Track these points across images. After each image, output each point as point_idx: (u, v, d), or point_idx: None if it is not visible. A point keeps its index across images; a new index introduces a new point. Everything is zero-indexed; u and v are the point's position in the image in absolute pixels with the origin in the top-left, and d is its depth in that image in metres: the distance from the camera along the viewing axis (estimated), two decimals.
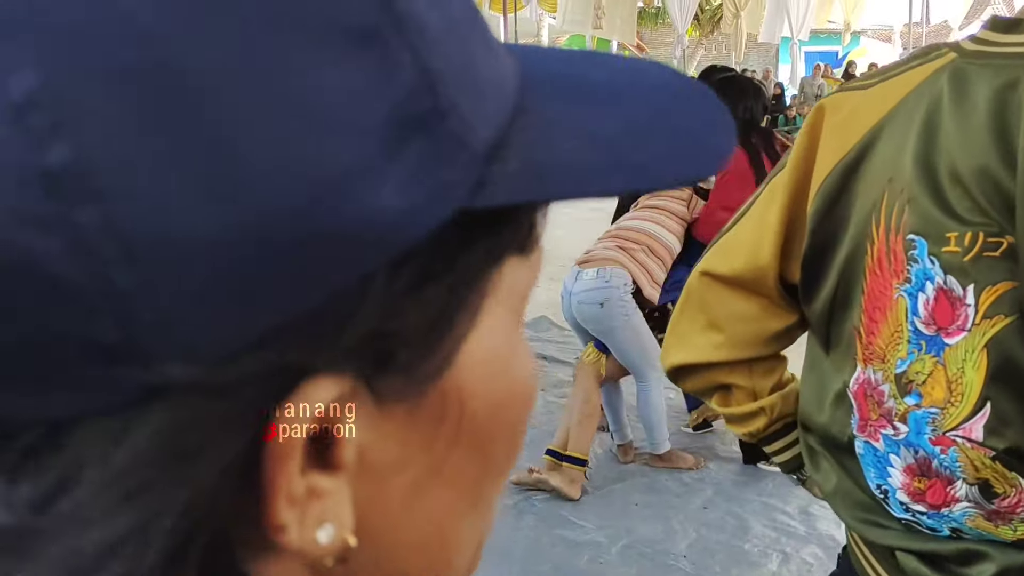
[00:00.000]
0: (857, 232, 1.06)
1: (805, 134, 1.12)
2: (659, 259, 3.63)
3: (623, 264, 3.54)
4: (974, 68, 1.00)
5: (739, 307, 1.20)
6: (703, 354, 1.24)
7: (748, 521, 3.29)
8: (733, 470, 3.74)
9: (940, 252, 0.98)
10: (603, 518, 3.35)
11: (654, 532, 3.23)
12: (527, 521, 3.35)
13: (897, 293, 1.03)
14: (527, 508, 3.45)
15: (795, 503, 3.41)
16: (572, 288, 3.63)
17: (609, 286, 3.50)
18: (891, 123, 1.05)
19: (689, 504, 3.45)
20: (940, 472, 1.03)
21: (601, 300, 3.51)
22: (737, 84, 3.72)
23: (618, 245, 3.62)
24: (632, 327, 3.54)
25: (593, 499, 3.52)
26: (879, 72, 1.13)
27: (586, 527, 3.28)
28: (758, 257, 1.16)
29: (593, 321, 3.59)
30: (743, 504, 3.43)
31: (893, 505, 1.08)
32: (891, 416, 1.05)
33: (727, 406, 1.27)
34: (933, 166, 0.99)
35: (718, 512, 3.38)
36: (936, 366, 1.01)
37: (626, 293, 3.51)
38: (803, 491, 3.48)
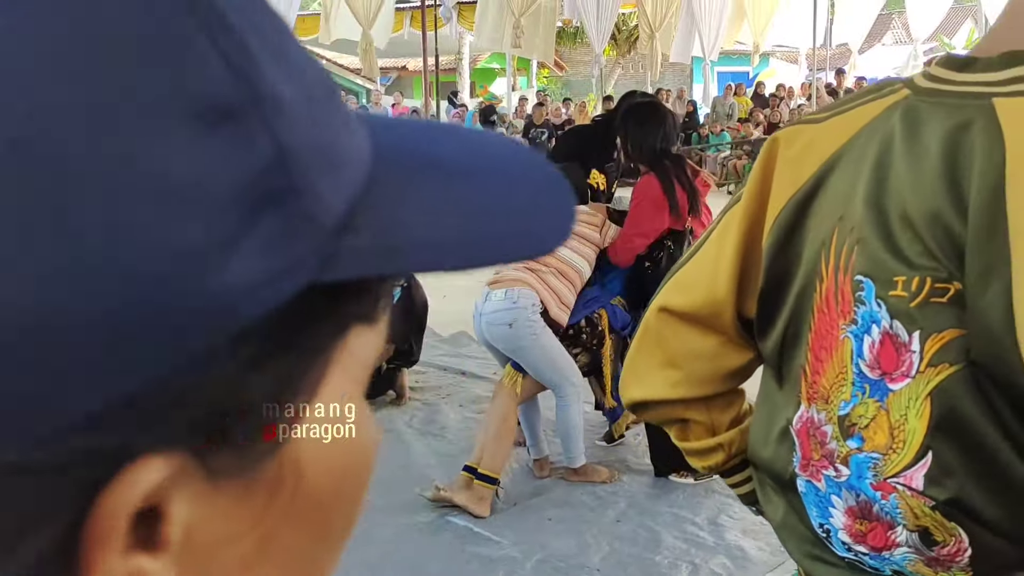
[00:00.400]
0: (808, 269, 1.04)
1: (759, 167, 1.10)
2: (569, 282, 3.66)
3: (531, 285, 3.57)
4: (926, 106, 0.97)
5: (696, 344, 1.18)
6: (660, 391, 1.21)
7: (659, 533, 3.31)
8: (646, 483, 3.77)
9: (887, 295, 0.96)
10: (518, 533, 3.34)
11: (568, 546, 3.23)
12: (443, 538, 3.32)
13: (843, 334, 1.00)
14: (443, 526, 3.41)
15: (704, 514, 3.45)
16: (482, 309, 3.64)
17: (517, 307, 3.52)
18: (844, 158, 1.02)
19: (603, 518, 3.46)
20: (881, 516, 1.01)
21: (509, 321, 3.53)
22: (650, 110, 3.76)
23: (526, 267, 3.64)
24: (541, 346, 3.56)
25: (509, 515, 3.50)
26: (834, 105, 1.10)
27: (501, 543, 3.26)
28: (714, 292, 1.14)
29: (503, 341, 3.60)
30: (655, 516, 3.45)
31: (836, 544, 1.06)
32: (833, 458, 1.03)
33: (686, 440, 1.25)
34: (884, 208, 0.96)
35: (631, 525, 3.40)
36: (879, 411, 0.98)
37: (534, 313, 3.53)
38: (712, 502, 3.52)
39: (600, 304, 3.76)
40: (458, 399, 5.01)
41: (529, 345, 3.55)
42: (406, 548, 3.25)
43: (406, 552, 3.22)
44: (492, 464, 3.52)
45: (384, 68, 27.94)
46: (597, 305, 3.76)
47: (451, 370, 5.58)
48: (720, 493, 3.62)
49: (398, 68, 29.97)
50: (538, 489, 3.72)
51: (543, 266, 3.64)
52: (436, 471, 3.89)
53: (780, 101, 17.15)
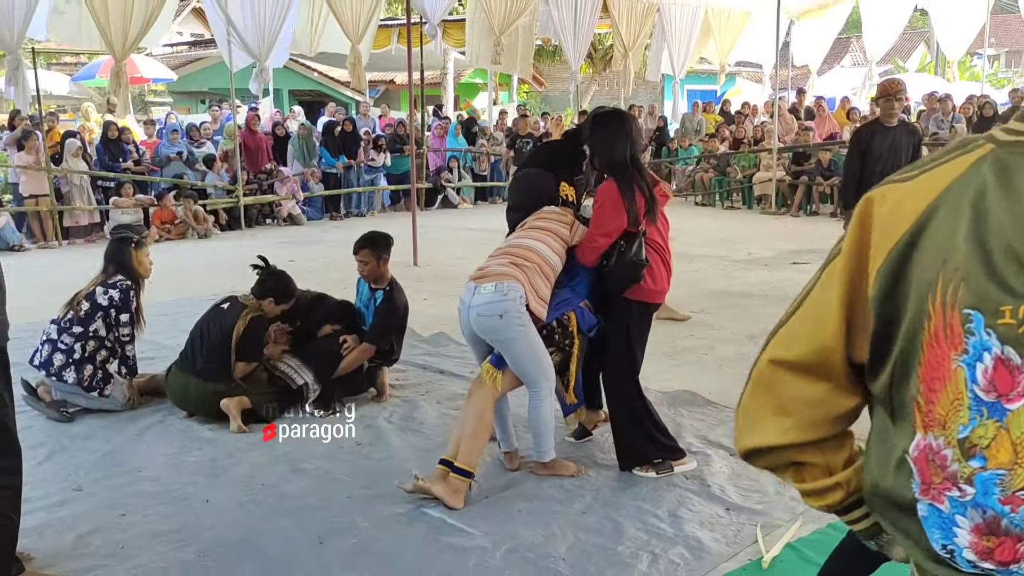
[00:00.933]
0: (915, 309, 1.08)
1: (856, 225, 1.15)
2: (545, 277, 3.66)
3: (518, 279, 3.55)
4: (1014, 158, 1.05)
5: (806, 392, 1.21)
6: (774, 438, 1.23)
7: (622, 525, 3.32)
8: (611, 477, 3.78)
9: (996, 324, 1.01)
10: (489, 524, 3.33)
11: (536, 537, 3.23)
12: (418, 529, 3.31)
13: (955, 363, 1.04)
14: (418, 517, 3.41)
15: (665, 507, 3.47)
16: (471, 302, 3.60)
17: (507, 299, 3.51)
18: (939, 211, 1.07)
19: (569, 510, 3.47)
20: (1010, 530, 1.03)
21: (500, 312, 3.51)
22: (616, 118, 3.77)
23: (512, 262, 3.63)
24: (527, 338, 3.55)
25: (480, 507, 3.50)
26: (918, 165, 1.15)
27: (473, 534, 3.26)
28: (823, 340, 1.17)
29: (492, 332, 3.56)
30: (618, 509, 3.46)
31: (960, 563, 1.08)
32: (956, 479, 1.05)
33: (802, 482, 1.27)
34: (986, 246, 1.02)
35: (595, 516, 3.40)
36: (999, 430, 1.02)
37: (522, 306, 3.51)
38: (673, 495, 3.52)
39: (571, 307, 3.75)
40: (436, 396, 5.00)
41: (517, 337, 3.52)
42: (383, 538, 3.24)
43: (382, 542, 3.21)
44: (468, 459, 3.52)
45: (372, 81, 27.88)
46: (568, 307, 3.74)
47: (430, 368, 5.57)
48: (680, 487, 3.64)
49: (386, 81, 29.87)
50: (509, 482, 3.72)
51: (527, 262, 3.63)
52: (414, 464, 3.88)
53: (745, 118, 17.22)
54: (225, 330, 4.59)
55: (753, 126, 16.77)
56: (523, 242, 3.74)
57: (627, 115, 3.87)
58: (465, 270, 9.74)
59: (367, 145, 15.31)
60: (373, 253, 4.78)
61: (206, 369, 4.57)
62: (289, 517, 3.43)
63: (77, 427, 4.52)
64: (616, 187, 3.62)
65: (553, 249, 3.72)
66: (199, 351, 4.63)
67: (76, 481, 3.82)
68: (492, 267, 3.65)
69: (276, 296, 4.75)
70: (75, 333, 4.63)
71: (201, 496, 3.65)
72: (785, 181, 14.61)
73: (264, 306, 4.71)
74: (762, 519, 3.35)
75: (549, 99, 32.28)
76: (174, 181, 13.16)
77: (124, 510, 3.52)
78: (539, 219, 3.83)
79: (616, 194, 3.61)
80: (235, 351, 4.57)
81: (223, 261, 10.00)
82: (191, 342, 4.71)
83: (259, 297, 4.73)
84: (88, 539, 3.27)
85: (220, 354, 4.57)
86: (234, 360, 4.57)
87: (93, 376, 4.64)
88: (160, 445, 4.27)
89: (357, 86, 21.38)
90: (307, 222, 14.24)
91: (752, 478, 3.74)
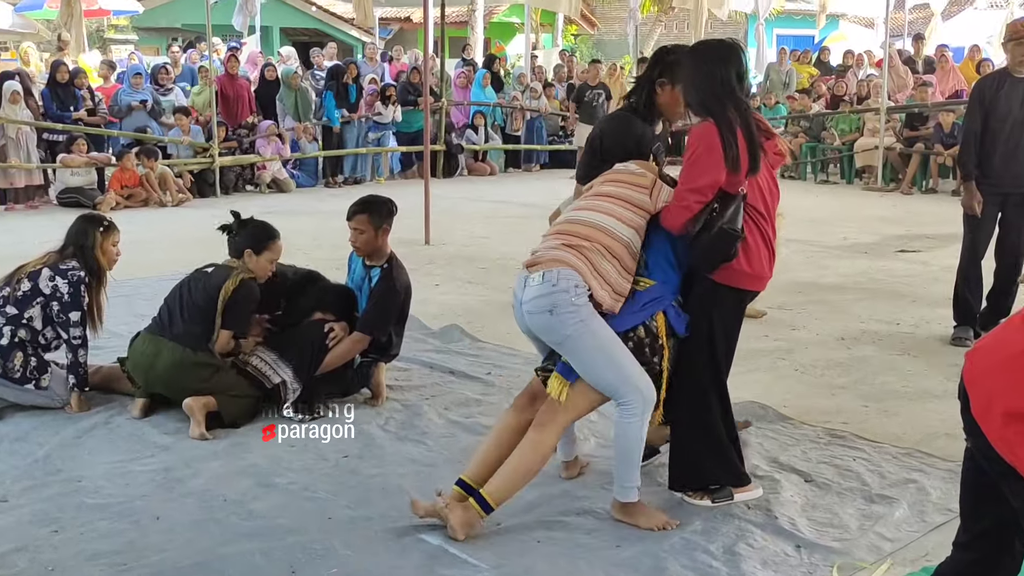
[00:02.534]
0: None
1: None
2: (616, 258, 3.52)
3: (571, 264, 3.46)
4: None
5: None
6: None
7: (665, 562, 3.32)
8: (655, 502, 3.77)
9: None
10: (500, 556, 3.36)
11: (556, 573, 3.25)
12: (410, 559, 3.34)
13: None
14: (412, 544, 3.44)
15: (720, 541, 3.47)
16: (521, 296, 3.54)
17: (556, 290, 3.42)
18: None
19: (600, 541, 3.47)
20: None
21: (549, 307, 3.42)
22: (719, 48, 3.64)
23: (564, 243, 3.54)
24: (591, 333, 3.42)
25: (491, 533, 3.52)
26: None
27: (479, 567, 3.28)
28: None
29: (546, 331, 3.50)
30: (661, 541, 3.46)
31: None
32: None
33: None
34: None
35: (633, 551, 3.41)
36: None
37: (578, 296, 3.41)
38: (730, 527, 3.53)
39: (660, 306, 3.58)
40: (443, 402, 5.04)
41: (576, 334, 3.41)
42: (368, 568, 3.28)
43: (367, 574, 3.25)
44: (501, 495, 3.49)
45: (384, 19, 28.07)
46: (657, 307, 3.58)
47: (438, 368, 5.61)
48: (740, 518, 3.64)
49: (400, 19, 30.03)
50: (528, 504, 3.74)
51: (585, 241, 3.52)
52: (411, 482, 3.92)
53: (847, 70, 17.06)
54: (211, 289, 4.70)
55: (857, 80, 16.62)
56: (581, 215, 3.63)
57: (734, 45, 3.71)
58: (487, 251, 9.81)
59: (374, 97, 15.39)
60: (371, 220, 4.83)
61: (186, 334, 4.68)
62: (255, 540, 3.48)
63: (5, 427, 4.62)
64: (715, 128, 3.47)
65: (626, 221, 3.56)
66: (179, 313, 4.74)
67: (1, 490, 3.90)
68: (542, 251, 3.59)
69: (253, 245, 4.83)
70: (7, 314, 4.73)
71: (150, 512, 3.72)
72: (895, 149, 14.48)
73: (249, 263, 4.79)
74: (840, 559, 3.35)
75: (602, 44, 32.21)
76: (137, 136, 13.33)
77: (57, 526, 3.59)
78: (607, 182, 3.69)
79: (714, 137, 3.45)
80: (221, 316, 4.67)
81: (192, 234, 10.13)
82: (167, 305, 4.83)
83: (237, 256, 4.82)
84: (12, 559, 3.34)
85: (205, 316, 4.69)
86: (218, 327, 4.67)
87: (25, 365, 4.74)
88: (104, 451, 4.36)
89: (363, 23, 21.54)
90: (296, 189, 14.38)
91: (830, 510, 3.73)
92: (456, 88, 16.84)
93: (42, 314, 4.77)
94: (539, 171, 17.39)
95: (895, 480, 4.02)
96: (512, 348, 5.99)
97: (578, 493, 3.89)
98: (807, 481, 4.02)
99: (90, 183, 12.66)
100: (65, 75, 13.18)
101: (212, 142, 13.47)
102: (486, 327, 6.55)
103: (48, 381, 4.80)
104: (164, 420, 4.68)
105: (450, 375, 5.51)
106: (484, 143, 16.70)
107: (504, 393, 5.15)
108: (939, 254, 9.19)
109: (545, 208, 4.20)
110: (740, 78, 3.59)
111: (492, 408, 4.93)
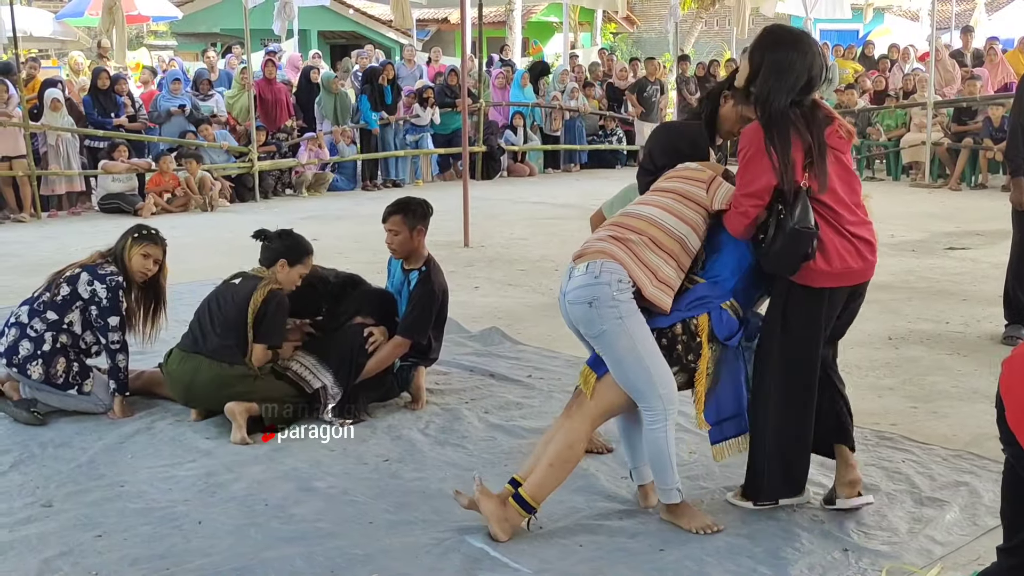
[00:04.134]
0: None
1: None
2: (666, 252, 3.49)
3: (616, 257, 3.44)
4: None
5: None
6: None
7: (708, 566, 3.31)
8: (700, 504, 3.75)
9: None
10: (542, 560, 3.36)
11: None
12: (451, 561, 3.35)
13: None
14: (453, 547, 3.45)
15: (765, 545, 3.44)
16: (565, 288, 3.55)
17: (598, 282, 3.40)
18: None
19: (643, 545, 3.46)
20: None
21: (590, 299, 3.41)
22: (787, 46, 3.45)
23: (611, 235, 3.52)
24: (627, 333, 3.39)
25: (533, 536, 3.52)
26: None
27: (520, 571, 3.29)
28: None
29: (584, 323, 3.48)
30: (704, 544, 3.45)
31: None
32: None
33: None
34: None
35: (676, 555, 3.39)
36: None
37: (621, 292, 3.39)
38: (775, 530, 3.48)
39: (706, 308, 3.53)
40: (484, 405, 5.05)
41: (612, 330, 3.40)
42: (408, 573, 3.29)
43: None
44: (536, 491, 3.51)
45: (421, 20, 28.17)
46: (702, 309, 3.53)
47: (478, 371, 5.62)
48: (785, 521, 3.61)
49: (438, 20, 30.15)
50: (569, 509, 3.74)
51: (632, 233, 3.50)
52: (451, 486, 3.92)
53: (892, 64, 16.88)
54: (240, 302, 4.73)
55: (903, 74, 16.43)
56: (633, 209, 3.63)
57: (803, 36, 3.55)
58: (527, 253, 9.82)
59: (411, 99, 15.46)
60: (406, 222, 4.85)
61: (221, 348, 4.72)
62: (296, 544, 3.51)
63: (49, 432, 4.69)
64: (761, 129, 3.39)
65: (678, 215, 3.53)
66: (211, 328, 4.77)
67: (45, 495, 3.97)
68: (590, 242, 3.59)
69: (288, 256, 4.85)
70: (48, 320, 4.80)
71: (193, 517, 3.76)
72: (943, 144, 14.30)
73: (279, 274, 4.82)
74: (889, 563, 3.31)
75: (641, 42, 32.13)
76: (181, 142, 13.47)
77: (100, 531, 3.64)
78: (665, 178, 3.68)
79: (760, 140, 3.37)
80: (252, 329, 4.70)
81: (232, 239, 10.23)
82: (199, 320, 4.87)
83: (269, 265, 4.85)
84: (56, 563, 3.39)
85: (237, 331, 4.72)
86: (251, 341, 4.71)
87: (68, 370, 4.81)
88: (147, 456, 4.41)
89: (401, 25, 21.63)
90: (333, 193, 14.48)
91: (879, 513, 3.69)
92: (494, 89, 16.87)
93: (81, 318, 4.84)
94: (578, 171, 17.37)
95: (945, 482, 3.97)
96: (553, 351, 5.99)
97: (621, 497, 3.88)
98: None
99: (131, 189, 12.83)
100: (106, 82, 13.38)
101: (251, 147, 13.59)
102: (526, 329, 6.55)
103: (91, 386, 4.87)
104: (206, 425, 4.73)
105: (490, 378, 5.52)
106: (523, 143, 16.71)
107: (545, 396, 5.16)
108: (989, 251, 9.07)
109: (585, 209, 4.20)
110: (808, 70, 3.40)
111: (533, 411, 4.94)
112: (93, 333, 4.88)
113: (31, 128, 12.16)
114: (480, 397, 5.19)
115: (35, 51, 20.64)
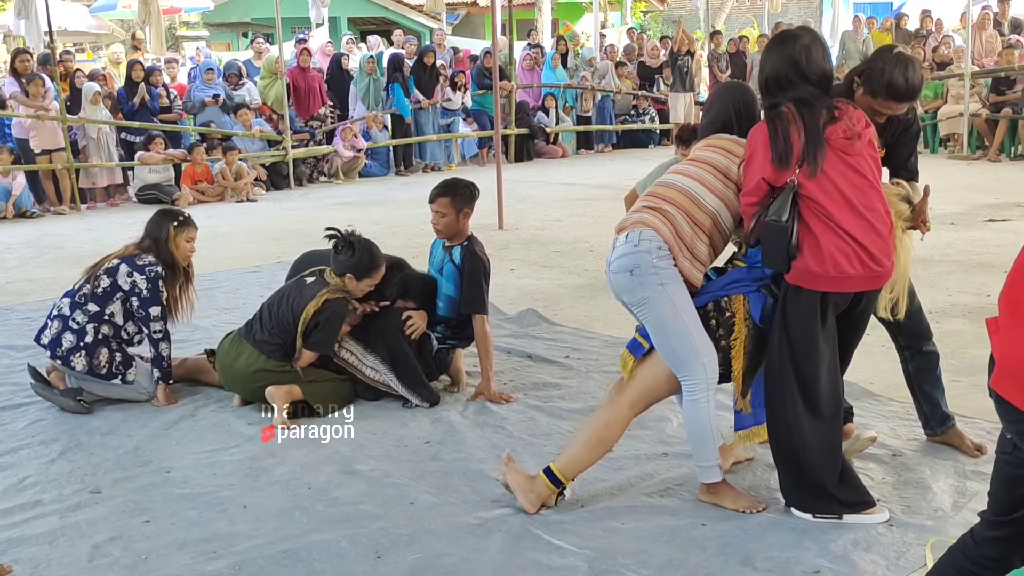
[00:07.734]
0: None
1: None
2: (699, 228, 3.49)
3: (653, 226, 3.44)
4: None
5: None
6: None
7: (750, 540, 3.30)
8: (740, 481, 3.75)
9: None
10: (584, 538, 3.37)
11: (642, 557, 3.25)
12: (494, 541, 3.37)
13: None
14: (496, 526, 3.47)
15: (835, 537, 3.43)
16: (609, 259, 3.56)
17: (639, 250, 3.42)
18: None
19: (685, 522, 3.47)
20: None
21: (631, 267, 3.43)
22: (781, 43, 3.50)
23: (647, 205, 3.54)
24: (670, 299, 3.39)
25: (575, 515, 3.54)
26: None
27: (564, 548, 3.30)
28: None
29: (627, 292, 3.48)
30: (746, 519, 3.44)
31: None
32: None
33: None
34: None
35: (717, 529, 3.40)
36: None
37: (660, 259, 3.41)
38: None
39: (740, 289, 3.53)
40: (521, 387, 5.06)
41: (655, 297, 3.39)
42: (452, 552, 3.32)
43: (451, 557, 3.29)
44: (567, 467, 3.54)
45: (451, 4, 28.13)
46: (736, 290, 3.53)
47: (515, 353, 5.64)
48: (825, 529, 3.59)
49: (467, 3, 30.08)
50: (611, 489, 3.75)
51: (667, 203, 3.50)
52: (492, 467, 3.94)
53: (928, 35, 16.63)
54: (297, 309, 4.75)
55: (936, 44, 16.20)
56: (671, 178, 3.61)
57: (792, 34, 3.52)
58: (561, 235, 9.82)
59: (443, 83, 15.46)
60: (453, 204, 4.87)
61: (266, 343, 4.77)
62: (340, 527, 3.55)
63: (95, 420, 4.77)
64: (765, 128, 3.39)
65: (711, 188, 3.51)
66: (267, 321, 4.82)
67: (94, 482, 4.04)
68: (630, 213, 3.60)
69: (355, 271, 4.83)
70: (89, 312, 4.86)
71: (238, 501, 3.81)
72: (981, 116, 14.11)
73: (347, 283, 4.83)
74: (934, 537, 3.29)
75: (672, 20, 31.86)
76: (219, 132, 13.57)
77: (148, 516, 3.70)
78: (702, 147, 3.67)
79: (763, 135, 3.38)
80: (302, 336, 4.73)
81: (268, 226, 10.31)
82: (260, 311, 4.93)
83: (339, 274, 4.86)
84: (106, 548, 3.45)
85: (285, 333, 4.75)
86: (300, 347, 4.75)
87: (111, 360, 4.87)
88: (191, 442, 4.47)
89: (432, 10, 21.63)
90: (367, 179, 14.54)
91: (923, 485, 3.67)
92: (522, 71, 16.80)
93: (122, 309, 4.90)
94: (610, 151, 17.31)
95: (989, 456, 3.93)
96: (590, 331, 5.99)
97: (662, 476, 3.88)
98: (896, 455, 3.97)
99: (167, 179, 12.95)
100: (140, 73, 13.47)
101: (285, 135, 13.66)
102: (563, 311, 6.55)
103: (134, 375, 4.94)
104: (248, 411, 4.79)
105: (528, 359, 5.53)
106: (555, 125, 16.67)
107: (583, 376, 5.16)
108: None
109: (618, 189, 4.19)
110: (808, 61, 3.39)
111: (571, 392, 4.94)
112: (135, 323, 4.94)
113: (68, 121, 12.29)
114: (518, 379, 5.20)
115: (70, 45, 20.84)
